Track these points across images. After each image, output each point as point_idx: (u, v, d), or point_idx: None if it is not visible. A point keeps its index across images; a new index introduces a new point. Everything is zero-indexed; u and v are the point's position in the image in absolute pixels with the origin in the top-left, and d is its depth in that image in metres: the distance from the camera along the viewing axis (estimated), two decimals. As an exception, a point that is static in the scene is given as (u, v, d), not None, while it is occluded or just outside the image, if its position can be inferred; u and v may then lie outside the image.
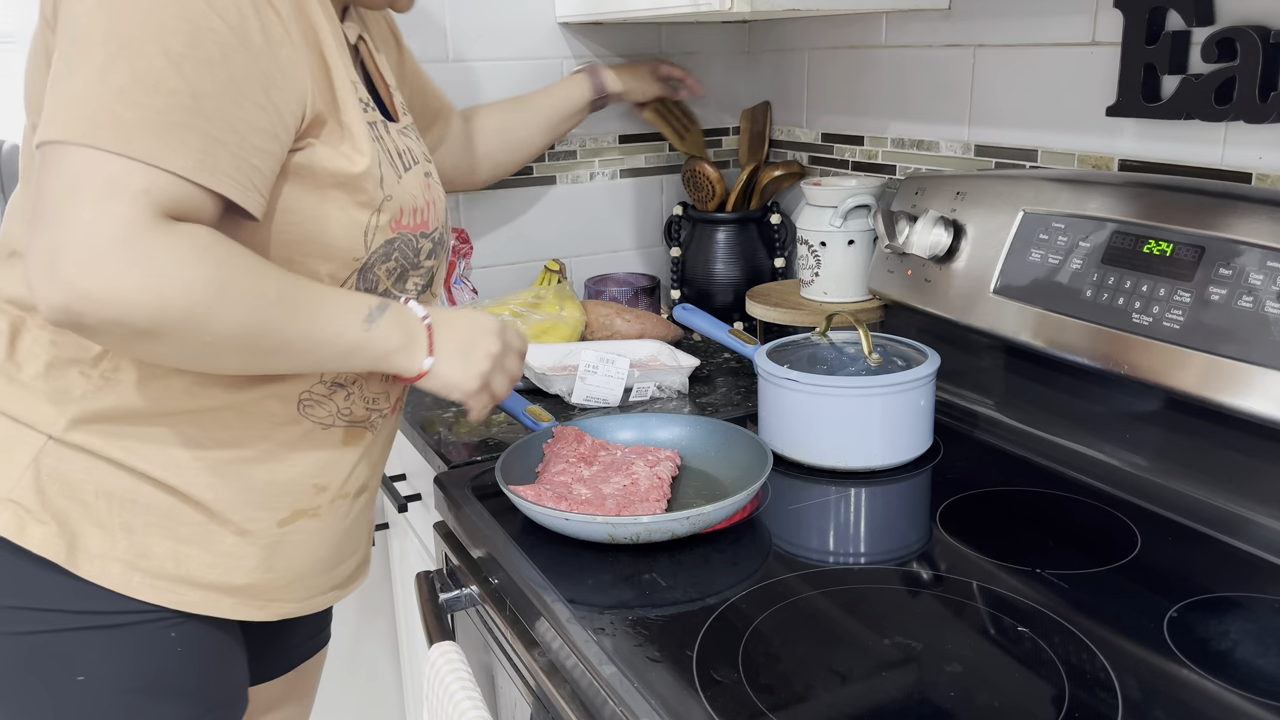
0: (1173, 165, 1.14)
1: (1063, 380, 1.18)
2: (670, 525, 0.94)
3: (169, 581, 0.86)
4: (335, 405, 0.93)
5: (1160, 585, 0.88)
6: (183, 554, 0.86)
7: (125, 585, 0.84)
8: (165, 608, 0.86)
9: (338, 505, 0.96)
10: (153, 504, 0.85)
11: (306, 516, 0.93)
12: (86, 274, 0.68)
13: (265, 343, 0.78)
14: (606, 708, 0.76)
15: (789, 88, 1.76)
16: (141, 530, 0.85)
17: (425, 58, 1.61)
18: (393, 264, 0.91)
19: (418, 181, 0.93)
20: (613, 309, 1.55)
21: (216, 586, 0.89)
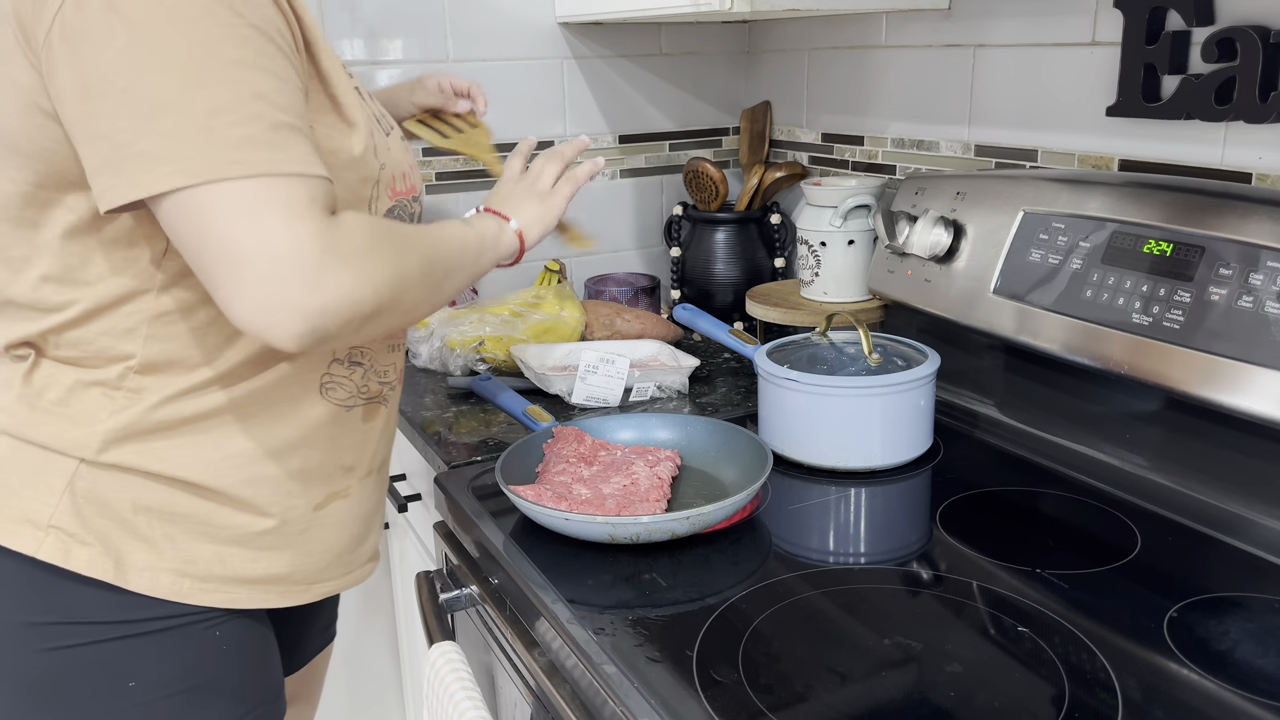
0: (1173, 165, 1.14)
1: (1063, 380, 1.18)
2: (670, 525, 0.94)
3: (217, 582, 0.87)
4: (354, 384, 0.94)
5: (1160, 585, 0.88)
6: (226, 554, 0.87)
7: (176, 592, 0.85)
8: (213, 608, 0.87)
9: (366, 483, 0.98)
10: (192, 511, 0.86)
11: (339, 498, 0.94)
12: (317, 293, 0.70)
13: (438, 271, 0.84)
14: (606, 708, 0.76)
15: (789, 88, 1.76)
16: (183, 538, 0.85)
17: (425, 58, 1.61)
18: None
19: (398, 144, 0.93)
20: (613, 309, 1.55)
21: (262, 579, 0.90)
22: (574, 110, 1.73)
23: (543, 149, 1.72)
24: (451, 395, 1.42)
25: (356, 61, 1.57)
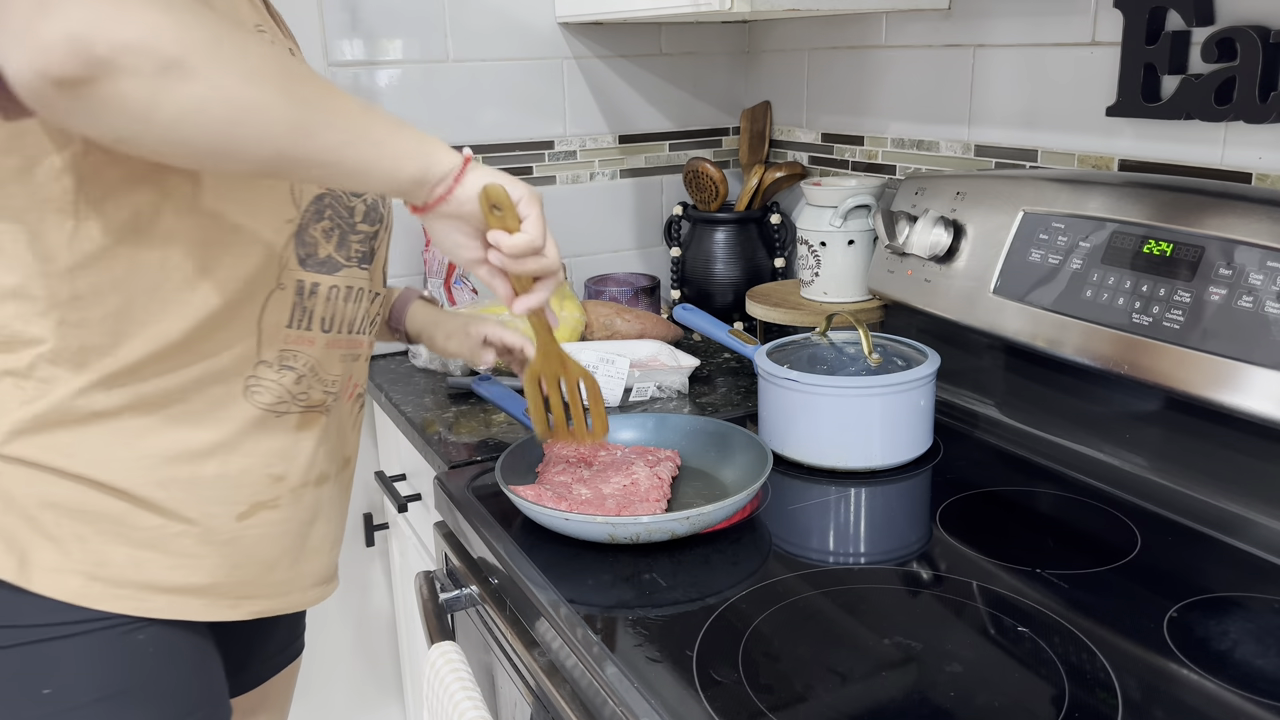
0: (1173, 165, 1.14)
1: (1063, 380, 1.18)
2: (670, 525, 0.94)
3: (131, 589, 0.83)
4: (283, 389, 0.88)
5: (1160, 585, 0.88)
6: (141, 558, 0.83)
7: (84, 596, 0.81)
8: (132, 616, 0.83)
9: (299, 495, 0.92)
10: (103, 510, 0.82)
11: (266, 508, 0.89)
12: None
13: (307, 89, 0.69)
14: (606, 708, 0.76)
15: (789, 88, 1.76)
16: (95, 538, 0.81)
17: (425, 58, 1.61)
18: (328, 223, 0.87)
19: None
20: (613, 309, 1.55)
21: (182, 589, 0.85)
22: (574, 110, 1.73)
23: (542, 149, 1.73)
24: (451, 395, 1.42)
25: (356, 61, 1.57)
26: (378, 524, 1.71)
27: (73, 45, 0.58)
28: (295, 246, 0.86)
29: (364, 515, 1.72)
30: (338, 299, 0.90)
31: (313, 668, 1.73)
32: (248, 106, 0.66)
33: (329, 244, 0.88)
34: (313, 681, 1.74)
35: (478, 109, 1.66)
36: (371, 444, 1.71)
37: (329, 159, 0.72)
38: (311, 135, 0.70)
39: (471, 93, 1.65)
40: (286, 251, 0.85)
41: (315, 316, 0.89)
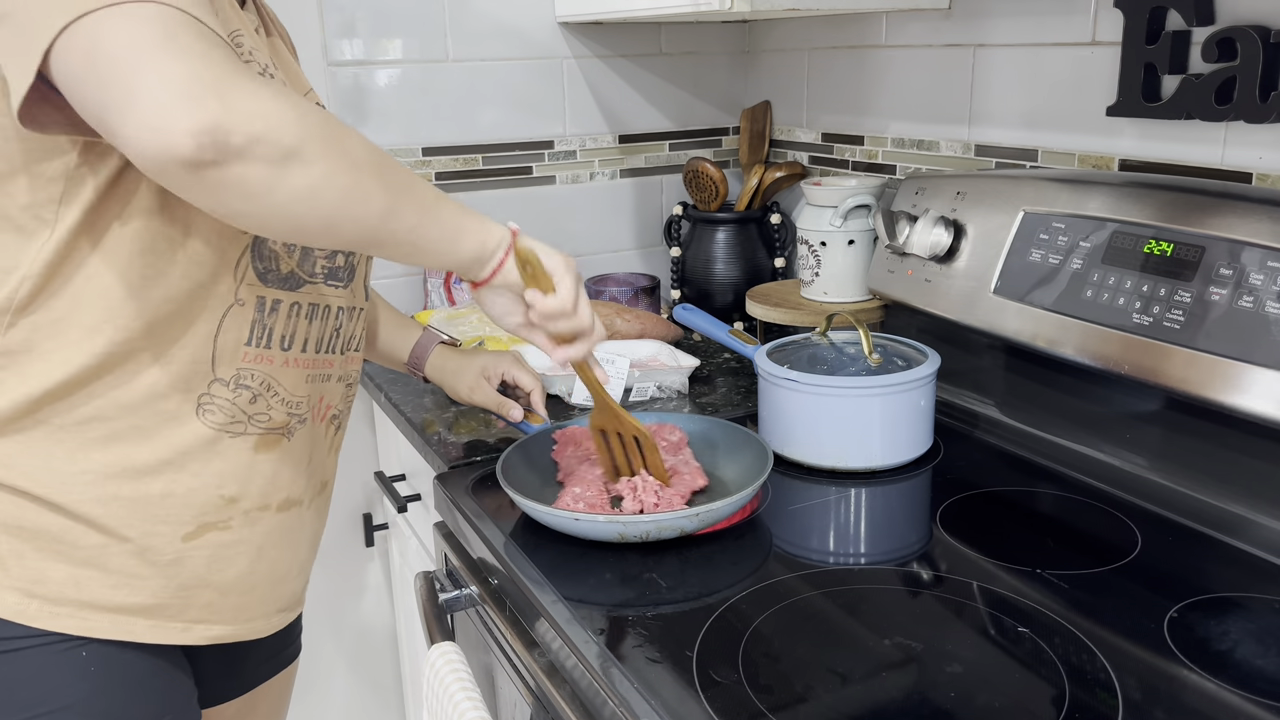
0: (1173, 165, 1.14)
1: (1063, 380, 1.17)
2: (680, 522, 0.94)
3: (71, 607, 0.81)
4: (238, 408, 0.86)
5: (1160, 585, 0.88)
6: (81, 577, 0.81)
7: (22, 614, 0.79)
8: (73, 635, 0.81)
9: (255, 518, 0.89)
10: (42, 526, 0.80)
11: (216, 530, 0.87)
12: (224, 91, 0.63)
13: (394, 179, 0.75)
14: (606, 708, 0.76)
15: (789, 88, 1.76)
16: (33, 555, 0.80)
17: (425, 58, 1.61)
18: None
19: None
20: (613, 309, 1.55)
21: (124, 609, 0.83)
22: (574, 110, 1.73)
23: (542, 149, 1.73)
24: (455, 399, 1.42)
25: (356, 61, 1.57)
26: (377, 524, 1.71)
27: (211, 135, 0.63)
28: (253, 260, 0.83)
29: (364, 515, 1.72)
30: (299, 316, 0.88)
31: (312, 668, 1.73)
32: (352, 193, 0.71)
33: (290, 259, 0.87)
34: (312, 682, 1.74)
35: (478, 109, 1.66)
36: (371, 444, 1.71)
37: (406, 239, 0.78)
38: (398, 218, 0.76)
39: (471, 93, 1.65)
40: (243, 265, 0.83)
41: (275, 334, 0.87)
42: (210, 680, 1.00)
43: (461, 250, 0.84)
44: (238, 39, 0.81)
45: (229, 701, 1.05)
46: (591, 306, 0.93)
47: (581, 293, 0.91)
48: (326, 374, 0.94)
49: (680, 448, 1.10)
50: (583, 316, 0.91)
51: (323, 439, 0.97)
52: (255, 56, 0.82)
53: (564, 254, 0.91)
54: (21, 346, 0.78)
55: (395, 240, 0.77)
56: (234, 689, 1.05)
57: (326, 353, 0.93)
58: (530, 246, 0.88)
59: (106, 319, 0.78)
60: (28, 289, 0.76)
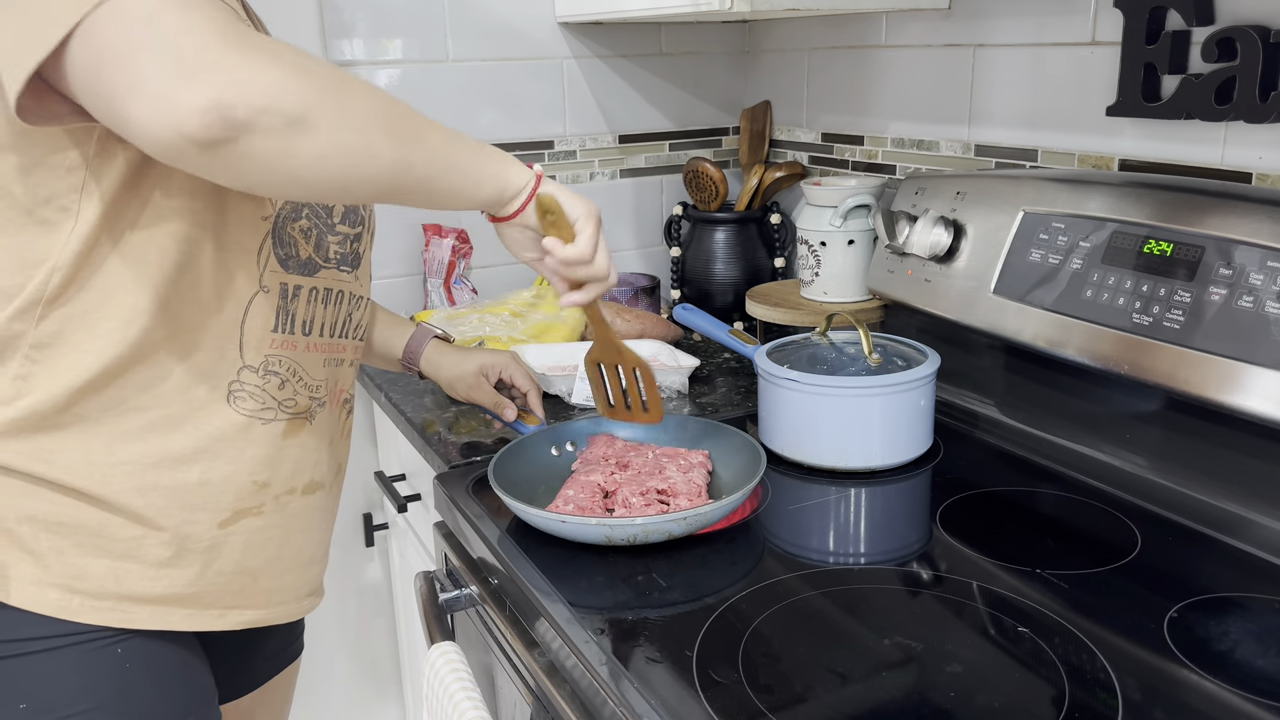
0: (1173, 165, 1.14)
1: (1063, 380, 1.18)
2: (667, 526, 0.94)
3: (112, 600, 0.82)
4: (269, 395, 0.87)
5: (1160, 585, 0.88)
6: (121, 570, 0.82)
7: (64, 610, 0.80)
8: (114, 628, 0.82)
9: (284, 502, 0.91)
10: (81, 522, 0.81)
11: (250, 515, 0.88)
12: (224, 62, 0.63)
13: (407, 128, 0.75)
14: (606, 708, 0.76)
15: (789, 88, 1.76)
16: (73, 551, 0.81)
17: (425, 58, 1.61)
18: (305, 223, 0.87)
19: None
20: (613, 309, 1.55)
21: (164, 599, 0.84)
22: (574, 110, 1.73)
23: (542, 149, 1.73)
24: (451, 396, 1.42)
25: (356, 61, 1.57)
26: (377, 524, 1.71)
27: (217, 112, 0.63)
28: (274, 246, 0.85)
29: (364, 515, 1.72)
30: (317, 301, 0.90)
31: (313, 668, 1.73)
32: (362, 152, 0.72)
33: (308, 244, 0.88)
34: (313, 681, 1.74)
35: (478, 109, 1.66)
36: (371, 444, 1.71)
37: (424, 188, 0.79)
38: (412, 169, 0.76)
39: (471, 93, 1.65)
40: (265, 251, 0.84)
41: (297, 320, 0.88)
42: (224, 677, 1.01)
43: (481, 194, 0.84)
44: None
45: (240, 698, 1.06)
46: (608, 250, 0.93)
47: (601, 240, 0.91)
48: (340, 358, 0.95)
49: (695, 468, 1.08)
50: (599, 265, 0.91)
51: (339, 422, 0.98)
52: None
53: (587, 201, 0.90)
54: (54, 339, 0.78)
55: (411, 189, 0.78)
56: (245, 684, 1.06)
57: (340, 337, 0.94)
58: (553, 194, 0.87)
59: (136, 310, 0.79)
60: (58, 280, 0.77)
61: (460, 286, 1.63)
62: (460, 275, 1.63)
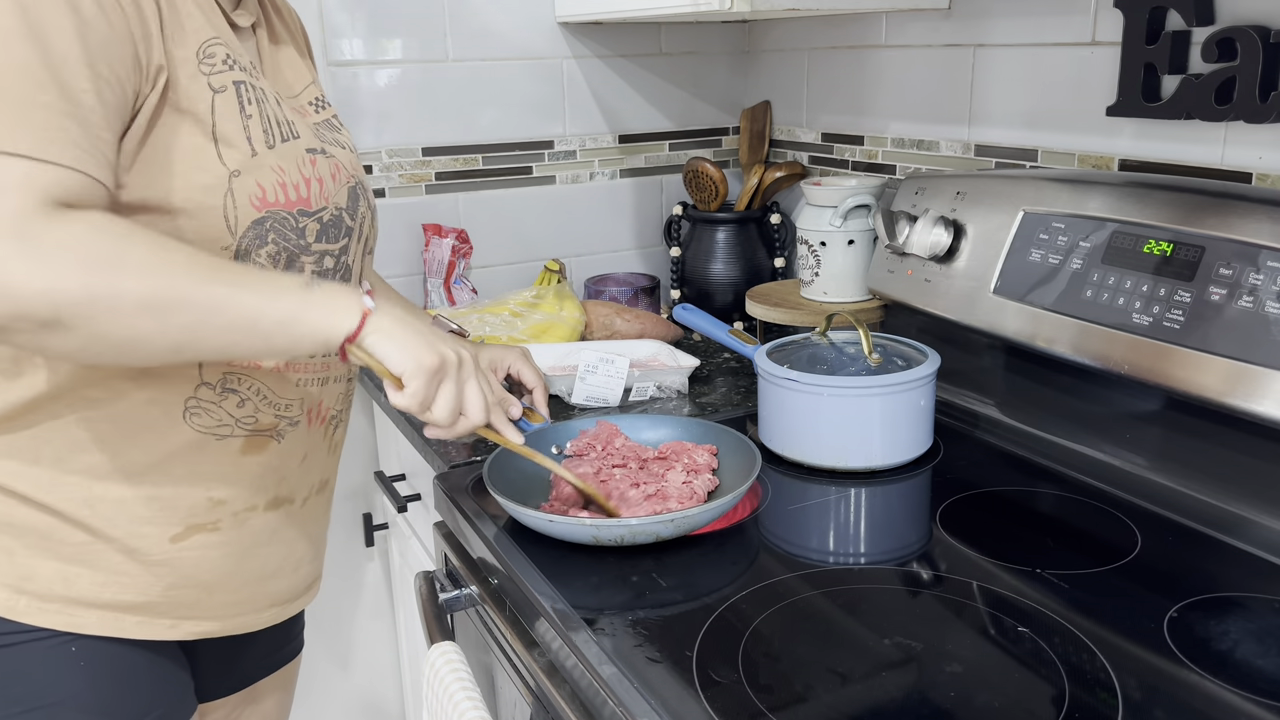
0: (1173, 165, 1.14)
1: (1063, 380, 1.17)
2: (654, 528, 0.94)
3: (59, 603, 0.82)
4: (226, 412, 0.86)
5: (1160, 585, 0.88)
6: (70, 574, 0.82)
7: (11, 610, 0.80)
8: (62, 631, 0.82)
9: (244, 518, 0.90)
10: (30, 524, 0.81)
11: (204, 531, 0.87)
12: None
13: (187, 314, 0.71)
14: (606, 708, 0.76)
15: (789, 88, 1.76)
16: (23, 552, 0.80)
17: (425, 58, 1.61)
18: (273, 248, 0.84)
19: (293, 155, 0.86)
20: (613, 309, 1.55)
21: (112, 605, 0.84)
22: (574, 110, 1.73)
23: (542, 149, 1.73)
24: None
25: (356, 61, 1.57)
26: (377, 524, 1.71)
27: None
28: None
29: (364, 515, 1.72)
30: None
31: (313, 667, 1.73)
32: (126, 342, 0.71)
33: (277, 268, 0.85)
34: (313, 681, 1.74)
35: (478, 109, 1.66)
36: (371, 444, 1.71)
37: (235, 350, 0.77)
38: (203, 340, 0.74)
39: (471, 93, 1.65)
40: None
41: None
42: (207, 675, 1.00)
43: (303, 347, 0.78)
44: (210, 48, 0.81)
45: (228, 696, 1.05)
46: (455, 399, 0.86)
47: (447, 390, 0.85)
48: (325, 376, 0.93)
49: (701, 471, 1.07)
50: (436, 416, 0.86)
51: (321, 440, 0.97)
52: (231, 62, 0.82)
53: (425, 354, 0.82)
54: (8, 356, 0.79)
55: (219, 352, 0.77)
56: (232, 684, 1.05)
57: (327, 355, 0.92)
58: (371, 350, 0.80)
59: None
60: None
61: (460, 286, 1.63)
62: (460, 275, 1.63)
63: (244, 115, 0.82)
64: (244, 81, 0.83)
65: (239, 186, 0.81)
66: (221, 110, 0.80)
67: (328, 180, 0.89)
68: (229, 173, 0.80)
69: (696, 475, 1.05)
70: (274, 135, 0.84)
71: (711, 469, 1.08)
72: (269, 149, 0.84)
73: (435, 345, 0.84)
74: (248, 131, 0.82)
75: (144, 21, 0.75)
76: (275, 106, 0.86)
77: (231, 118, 0.81)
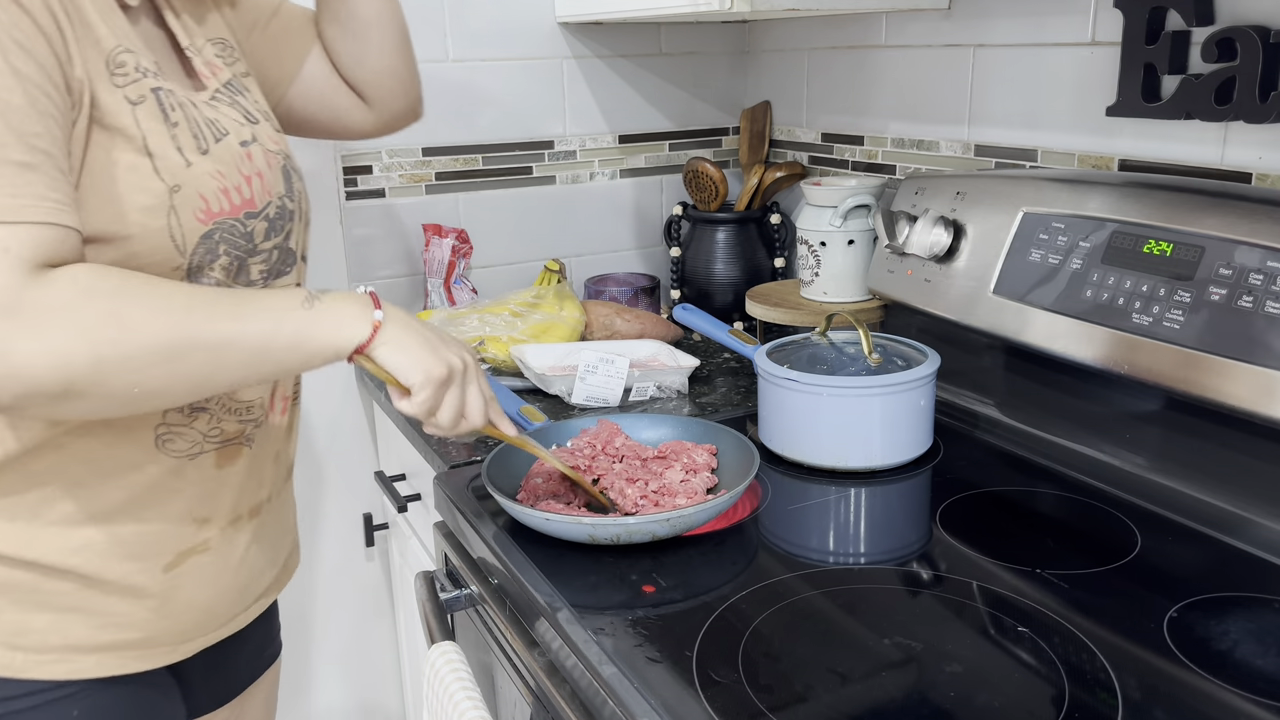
0: (1173, 165, 1.14)
1: (1063, 380, 1.18)
2: (651, 527, 0.94)
3: (56, 653, 0.79)
4: (198, 432, 0.84)
5: (1160, 585, 0.88)
6: (65, 622, 0.79)
7: (8, 667, 0.78)
8: (61, 681, 0.79)
9: (230, 533, 0.88)
10: (15, 580, 0.78)
11: (196, 554, 0.85)
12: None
13: (198, 357, 0.71)
14: (606, 708, 0.76)
15: (789, 88, 1.76)
16: (11, 609, 0.78)
17: (425, 58, 1.61)
18: (225, 259, 0.81)
19: (229, 156, 0.82)
20: (613, 309, 1.55)
21: (111, 646, 0.82)
22: (574, 110, 1.73)
23: (542, 149, 1.73)
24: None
25: (356, 61, 1.57)
26: (378, 524, 1.71)
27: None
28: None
29: (364, 515, 1.72)
30: None
31: (313, 668, 1.73)
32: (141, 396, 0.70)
33: (228, 277, 0.83)
34: (312, 682, 1.74)
35: (478, 109, 1.66)
36: (371, 444, 1.71)
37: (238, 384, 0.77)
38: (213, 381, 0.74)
39: (471, 93, 1.65)
40: None
41: None
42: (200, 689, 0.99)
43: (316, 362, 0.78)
44: (118, 57, 0.76)
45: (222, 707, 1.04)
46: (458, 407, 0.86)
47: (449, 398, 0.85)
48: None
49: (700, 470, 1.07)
50: (441, 422, 0.86)
51: (282, 430, 0.95)
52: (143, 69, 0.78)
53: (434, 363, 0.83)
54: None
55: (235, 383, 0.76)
56: (225, 693, 1.04)
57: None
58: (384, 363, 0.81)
59: None
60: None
61: (460, 286, 1.63)
62: (460, 275, 1.63)
63: (169, 124, 0.78)
64: (161, 88, 0.79)
65: (181, 202, 0.77)
66: (146, 123, 0.76)
67: (266, 172, 0.86)
68: (168, 189, 0.76)
69: (695, 474, 1.05)
70: (205, 138, 0.80)
71: (711, 468, 1.08)
72: (203, 155, 0.80)
73: (442, 354, 0.84)
74: (177, 141, 0.78)
75: (62, 37, 0.71)
76: (196, 106, 0.82)
77: (158, 130, 0.77)
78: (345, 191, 1.60)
